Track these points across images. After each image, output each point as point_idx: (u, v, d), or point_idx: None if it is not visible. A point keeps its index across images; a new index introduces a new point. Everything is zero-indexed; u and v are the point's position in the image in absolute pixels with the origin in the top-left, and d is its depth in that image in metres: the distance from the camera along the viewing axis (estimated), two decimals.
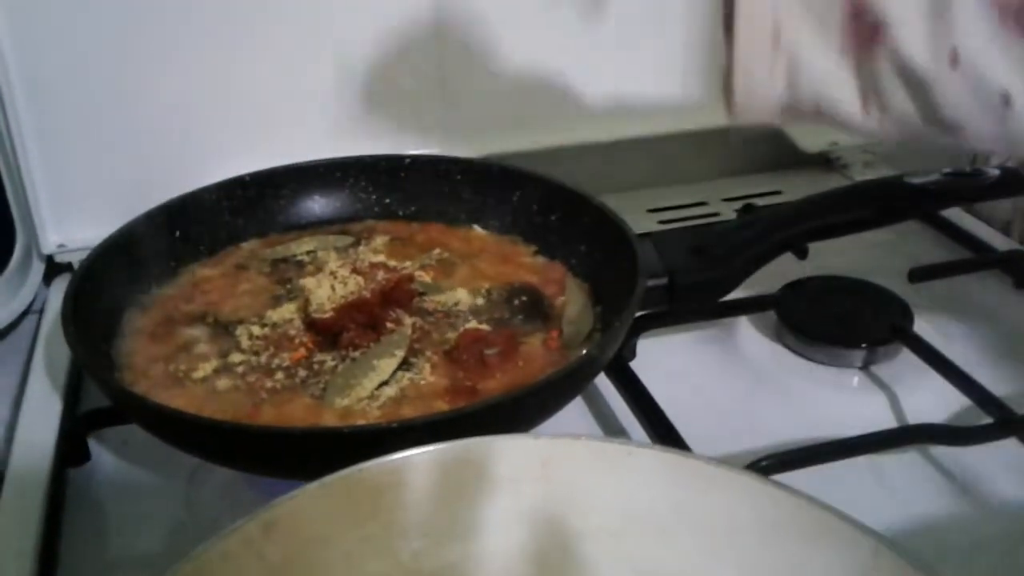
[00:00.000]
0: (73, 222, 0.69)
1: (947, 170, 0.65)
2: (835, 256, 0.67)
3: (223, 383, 0.52)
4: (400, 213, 0.69)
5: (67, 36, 0.66)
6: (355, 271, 0.58)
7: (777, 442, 0.50)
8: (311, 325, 0.55)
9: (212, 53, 0.69)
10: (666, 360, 0.62)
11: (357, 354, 0.53)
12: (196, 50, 0.69)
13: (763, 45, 0.42)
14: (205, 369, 0.53)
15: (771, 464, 0.49)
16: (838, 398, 0.60)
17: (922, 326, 0.62)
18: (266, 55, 0.70)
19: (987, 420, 0.53)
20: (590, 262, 0.61)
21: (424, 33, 0.73)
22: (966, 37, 0.38)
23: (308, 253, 0.64)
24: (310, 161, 0.68)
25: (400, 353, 0.53)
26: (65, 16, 0.65)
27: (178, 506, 0.52)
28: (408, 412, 0.50)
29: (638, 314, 0.57)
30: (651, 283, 0.56)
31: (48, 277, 0.72)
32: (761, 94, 0.43)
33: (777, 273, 0.64)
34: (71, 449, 0.55)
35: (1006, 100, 0.38)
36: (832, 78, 0.42)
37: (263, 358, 0.54)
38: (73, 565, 0.49)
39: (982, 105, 0.39)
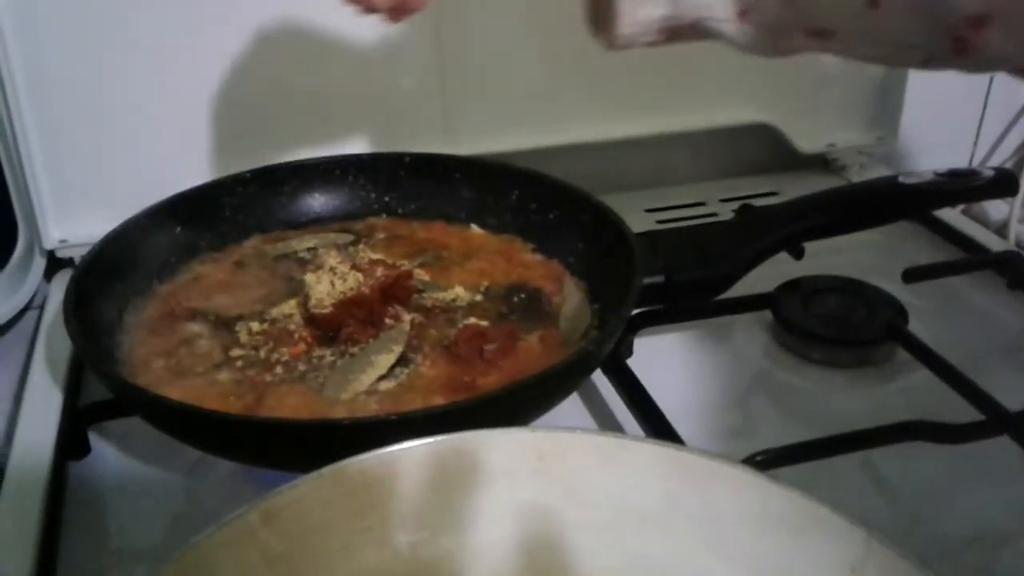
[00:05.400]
0: (75, 218, 0.70)
1: (941, 171, 0.65)
2: (830, 256, 0.67)
3: (223, 376, 0.53)
4: (400, 211, 0.69)
5: (70, 33, 0.66)
6: (355, 267, 0.58)
7: (772, 440, 0.50)
8: (311, 320, 0.56)
9: (214, 51, 0.70)
10: (662, 358, 0.62)
11: (356, 349, 0.54)
12: (199, 48, 0.69)
13: None
14: (205, 363, 0.53)
15: (765, 460, 0.49)
16: (833, 396, 0.61)
17: (916, 326, 0.63)
18: (266, 53, 0.71)
19: (980, 418, 0.53)
20: (588, 260, 0.62)
21: (425, 32, 0.73)
22: None
23: (309, 250, 0.64)
24: (311, 159, 0.69)
25: (398, 348, 0.54)
26: (68, 14, 0.66)
27: (178, 499, 0.53)
28: (406, 406, 0.50)
29: (635, 312, 0.58)
30: (648, 281, 0.57)
31: (49, 273, 0.72)
32: (643, 14, 0.46)
33: (773, 272, 0.64)
34: (72, 442, 0.55)
35: (871, 2, 0.41)
36: None
37: (263, 353, 0.54)
38: (73, 557, 0.49)
39: (849, 8, 0.42)
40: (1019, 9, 0.39)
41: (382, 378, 0.52)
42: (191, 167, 0.66)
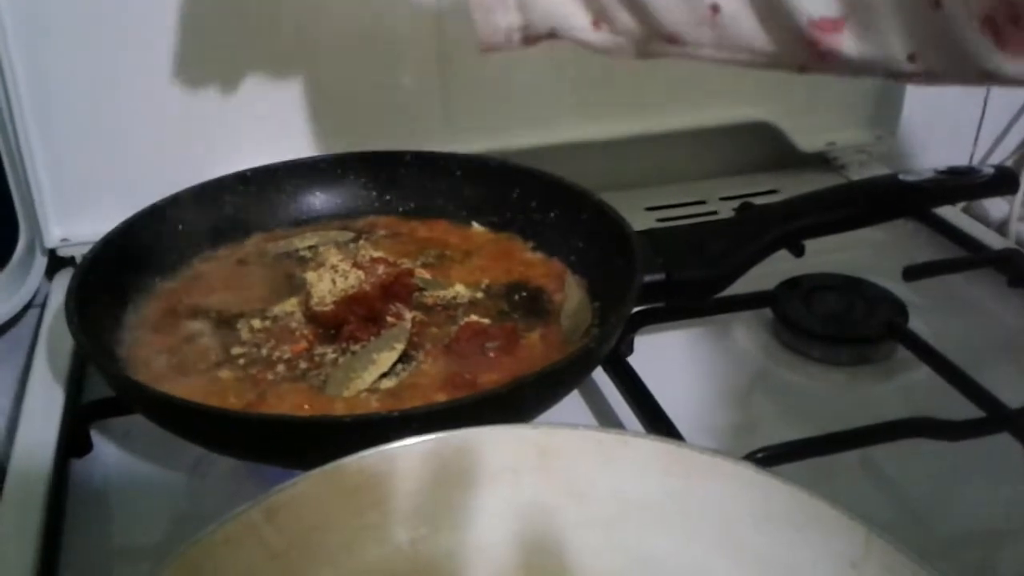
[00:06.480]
0: (76, 216, 0.70)
1: (941, 169, 0.65)
2: (831, 254, 0.67)
3: (225, 374, 0.53)
4: (400, 209, 0.69)
5: (71, 32, 0.66)
6: (356, 265, 0.58)
7: (772, 437, 0.51)
8: (312, 318, 0.56)
9: (215, 49, 0.70)
10: (663, 355, 0.63)
11: (357, 347, 0.54)
12: (199, 46, 0.69)
13: None
14: (207, 361, 0.54)
15: (766, 456, 0.49)
16: (833, 394, 0.61)
17: (916, 323, 0.63)
18: (268, 51, 0.71)
19: (980, 415, 0.53)
20: (588, 258, 0.62)
21: (425, 30, 0.73)
22: None
23: (310, 248, 0.65)
24: (312, 157, 0.69)
25: (399, 346, 0.54)
26: (70, 13, 0.66)
27: (180, 497, 0.53)
28: (407, 404, 0.50)
29: (635, 310, 0.58)
30: (648, 279, 0.57)
31: (50, 271, 0.72)
32: (498, 23, 0.47)
33: (773, 270, 0.64)
34: (73, 440, 0.55)
35: (715, 8, 0.42)
36: (562, 8, 0.46)
37: (264, 350, 0.54)
38: (75, 555, 0.49)
39: (695, 16, 0.43)
40: (869, 13, 0.39)
41: (383, 376, 0.52)
42: (192, 165, 0.66)
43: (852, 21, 0.40)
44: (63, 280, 0.71)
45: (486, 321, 0.57)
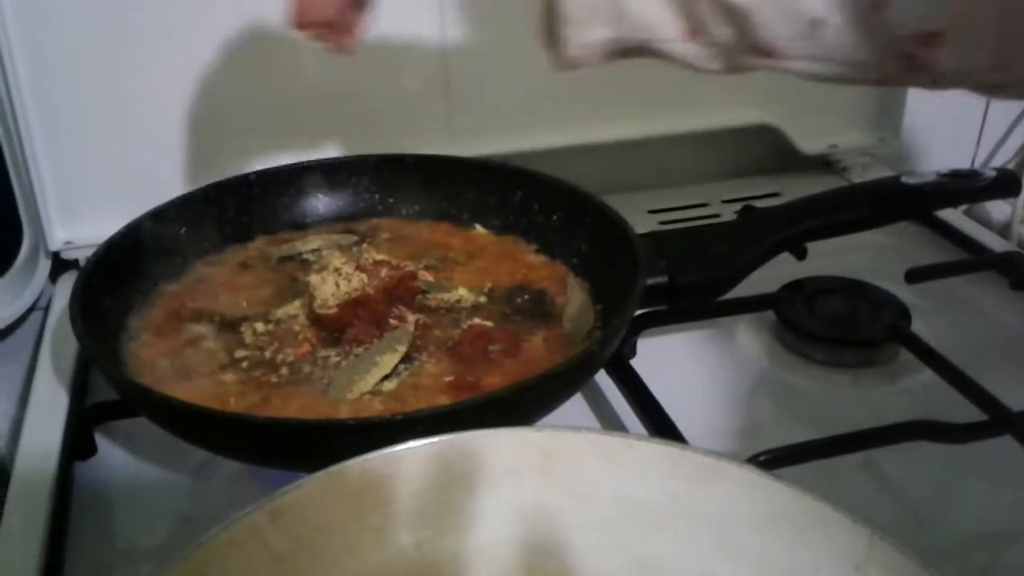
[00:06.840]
0: (79, 219, 0.70)
1: (944, 171, 0.65)
2: (833, 257, 0.67)
3: (229, 377, 0.53)
4: (403, 212, 0.69)
5: (74, 36, 0.67)
6: (359, 268, 0.58)
7: (775, 440, 0.51)
8: (315, 321, 0.56)
9: (218, 53, 0.70)
10: (666, 358, 0.63)
11: (360, 350, 0.54)
12: (202, 49, 0.69)
13: None
14: (211, 364, 0.54)
15: (769, 460, 0.49)
16: (835, 397, 0.61)
17: (919, 326, 0.63)
18: (271, 55, 0.71)
19: (982, 417, 0.53)
20: (591, 261, 0.62)
21: (429, 33, 0.73)
22: None
23: (313, 251, 0.65)
24: (315, 160, 0.69)
25: (402, 349, 0.54)
26: (71, 16, 0.66)
27: (184, 499, 0.53)
28: (410, 406, 0.50)
29: (638, 313, 0.58)
30: (651, 282, 0.57)
31: (54, 274, 0.72)
32: (587, 39, 0.47)
33: (776, 273, 0.64)
34: (78, 443, 0.55)
35: (815, 24, 0.42)
36: (657, 19, 0.45)
37: (268, 353, 0.55)
38: (79, 558, 0.49)
39: (795, 29, 0.43)
40: (969, 25, 0.39)
41: (386, 378, 0.52)
42: (195, 169, 0.67)
43: (951, 34, 0.40)
44: (67, 283, 0.71)
45: (489, 324, 0.57)
